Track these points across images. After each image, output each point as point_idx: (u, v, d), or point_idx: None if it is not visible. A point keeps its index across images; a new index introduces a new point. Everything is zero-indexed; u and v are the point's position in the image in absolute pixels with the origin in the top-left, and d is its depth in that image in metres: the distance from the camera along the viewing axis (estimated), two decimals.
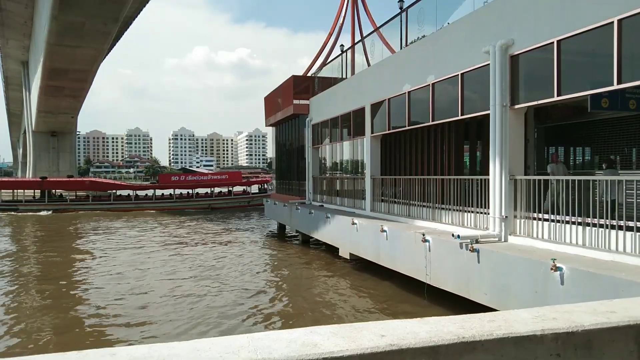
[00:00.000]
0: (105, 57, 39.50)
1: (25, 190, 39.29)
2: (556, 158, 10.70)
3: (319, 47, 31.54)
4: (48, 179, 39.99)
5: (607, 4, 6.96)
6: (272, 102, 25.73)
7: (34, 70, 46.48)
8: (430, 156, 13.30)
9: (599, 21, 7.04)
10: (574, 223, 7.57)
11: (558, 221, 7.87)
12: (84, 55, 33.75)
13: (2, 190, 39.13)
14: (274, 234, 23.68)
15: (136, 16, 41.59)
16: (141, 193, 41.34)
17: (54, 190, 40.38)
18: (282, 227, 23.81)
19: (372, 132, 14.81)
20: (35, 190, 39.87)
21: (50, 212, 36.42)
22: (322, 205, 18.81)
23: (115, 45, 47.78)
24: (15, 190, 39.25)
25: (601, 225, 7.12)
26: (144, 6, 39.36)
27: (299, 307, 10.78)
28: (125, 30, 44.57)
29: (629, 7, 6.60)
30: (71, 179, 43.28)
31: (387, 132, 13.96)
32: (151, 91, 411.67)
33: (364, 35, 24.10)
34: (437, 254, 9.68)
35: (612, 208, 7.03)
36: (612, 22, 6.82)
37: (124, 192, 41.18)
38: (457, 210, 10.59)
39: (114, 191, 41.25)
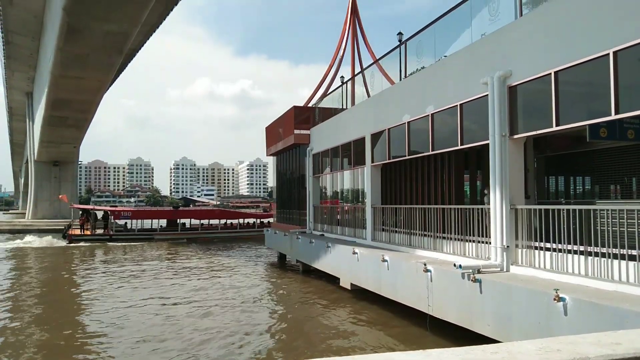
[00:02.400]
0: (108, 88, 40.06)
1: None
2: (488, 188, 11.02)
3: (320, 78, 31.90)
4: (180, 209, 40.21)
5: (602, 36, 7.09)
6: (273, 132, 25.93)
7: (38, 100, 47.06)
8: (430, 185, 13.31)
9: (594, 53, 7.17)
10: (575, 252, 7.52)
11: (560, 250, 7.83)
12: (87, 86, 34.21)
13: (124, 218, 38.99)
14: (274, 263, 23.50)
15: (140, 48, 42.31)
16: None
17: (179, 220, 40.06)
18: (282, 257, 23.65)
19: (372, 162, 14.88)
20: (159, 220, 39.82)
21: (184, 240, 36.70)
22: (323, 235, 18.72)
23: (119, 76, 48.46)
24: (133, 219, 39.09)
25: (603, 255, 7.07)
26: (148, 38, 40.09)
27: (299, 339, 10.61)
28: (129, 61, 45.27)
29: (623, 39, 6.73)
30: (202, 209, 43.72)
31: (388, 161, 14.02)
32: (153, 121, 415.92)
33: (364, 67, 24.45)
34: (439, 284, 9.59)
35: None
36: (608, 54, 6.94)
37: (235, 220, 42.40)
38: (458, 239, 10.54)
39: (242, 220, 42.42)
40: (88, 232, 37.07)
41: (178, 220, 39.76)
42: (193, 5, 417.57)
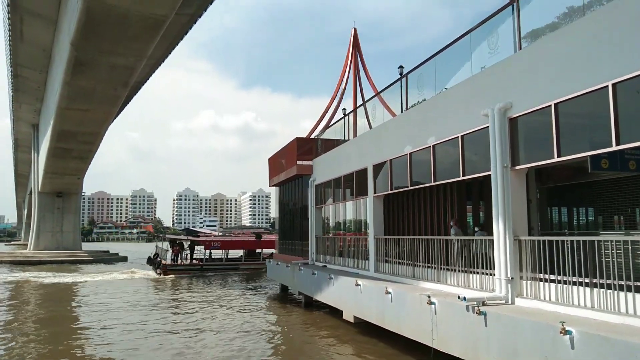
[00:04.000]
0: (113, 120, 40.52)
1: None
2: (457, 222, 12.19)
3: (322, 111, 32.36)
4: (263, 239, 40.24)
5: (601, 68, 7.19)
6: (276, 163, 26.07)
7: (43, 132, 47.59)
8: (433, 216, 13.28)
9: (594, 85, 7.26)
10: (581, 284, 7.44)
11: (565, 282, 7.74)
12: (93, 118, 34.63)
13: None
14: (276, 295, 23.23)
15: (146, 81, 42.99)
16: None
17: (260, 250, 39.50)
18: (284, 289, 23.40)
19: (374, 193, 14.88)
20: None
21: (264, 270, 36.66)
22: (326, 266, 18.57)
23: (124, 108, 49.15)
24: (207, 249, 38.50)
25: (609, 287, 6.99)
26: (154, 72, 40.78)
27: None
28: (135, 94, 45.95)
29: (621, 71, 6.83)
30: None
31: (390, 192, 14.03)
32: (157, 153, 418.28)
33: (366, 100, 24.77)
34: (443, 316, 9.45)
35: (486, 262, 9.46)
36: (607, 86, 7.03)
37: None
38: (462, 271, 10.44)
39: None
40: (178, 262, 36.59)
41: (258, 250, 39.47)
42: (198, 40, 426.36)
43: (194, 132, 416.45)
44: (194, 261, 37.29)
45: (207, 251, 37.80)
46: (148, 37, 22.74)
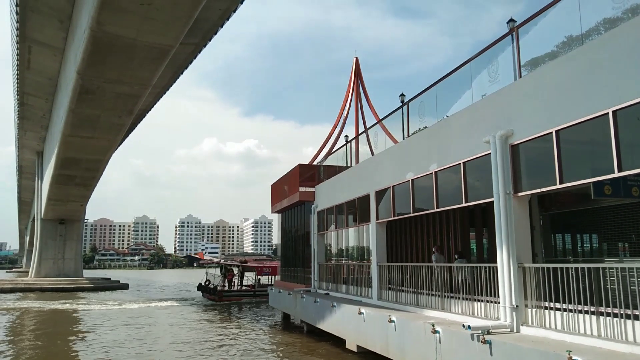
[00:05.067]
0: (117, 148, 40.79)
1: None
2: (438, 249, 12.78)
3: (324, 138, 32.54)
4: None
5: (601, 95, 7.26)
6: (279, 189, 26.10)
7: (47, 159, 47.89)
8: (436, 243, 13.21)
9: (594, 112, 7.32)
10: (587, 312, 7.34)
11: (571, 310, 7.64)
12: (97, 145, 34.88)
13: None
14: (277, 323, 22.92)
15: (150, 109, 43.40)
16: None
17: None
18: (286, 317, 23.09)
19: (377, 219, 14.85)
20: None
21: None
22: (328, 293, 18.39)
23: (128, 135, 49.51)
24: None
25: (615, 315, 6.90)
26: (158, 100, 41.22)
27: None
28: (139, 121, 46.35)
29: (621, 99, 6.89)
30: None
31: (393, 218, 13.99)
32: (160, 179, 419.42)
33: (368, 127, 24.95)
34: (448, 345, 9.31)
35: (467, 288, 10.18)
36: (608, 113, 7.08)
37: None
38: (466, 299, 10.33)
39: None
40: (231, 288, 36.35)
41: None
42: (202, 69, 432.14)
43: (197, 159, 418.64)
44: (245, 287, 37.00)
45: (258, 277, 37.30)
46: (153, 66, 23.10)
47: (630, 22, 7.03)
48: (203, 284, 38.58)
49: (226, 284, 36.81)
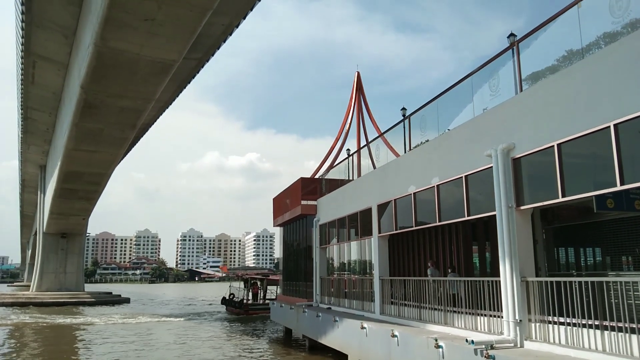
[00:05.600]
0: (120, 161, 40.91)
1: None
2: (433, 263, 12.96)
3: (326, 151, 32.64)
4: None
5: (602, 109, 7.28)
6: (281, 202, 26.09)
7: (50, 173, 48.03)
8: (439, 257, 13.15)
9: (596, 126, 7.33)
10: (591, 327, 7.28)
11: (575, 325, 7.58)
12: (100, 159, 34.98)
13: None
14: (279, 338, 22.74)
15: (153, 123, 43.61)
16: None
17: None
18: (288, 332, 22.93)
19: (379, 232, 14.81)
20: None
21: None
22: (330, 308, 18.28)
23: (131, 149, 49.66)
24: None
25: (620, 329, 6.83)
26: (161, 114, 41.43)
27: None
28: (142, 135, 46.54)
29: (622, 113, 6.91)
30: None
31: (395, 232, 13.95)
32: (162, 193, 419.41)
33: (369, 140, 25.02)
34: None
35: (454, 301, 10.70)
36: (609, 127, 7.10)
37: None
38: (469, 313, 10.25)
39: None
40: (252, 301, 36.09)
41: None
42: (205, 84, 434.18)
43: (200, 173, 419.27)
44: (269, 300, 36.83)
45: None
46: (156, 80, 23.25)
47: (630, 36, 7.08)
48: (227, 297, 38.36)
49: (250, 298, 36.63)
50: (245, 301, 35.18)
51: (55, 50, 28.55)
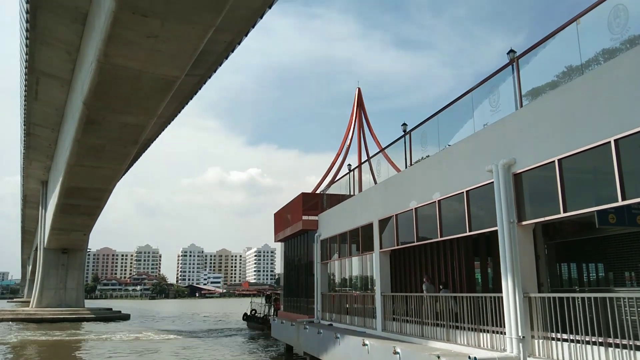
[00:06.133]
0: (122, 177, 40.99)
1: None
2: (428, 278, 13.06)
3: (328, 166, 32.68)
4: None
5: (602, 125, 7.31)
6: (282, 218, 26.06)
7: (52, 189, 48.11)
8: (441, 272, 13.09)
9: (596, 141, 7.35)
10: (595, 343, 7.20)
11: (578, 341, 7.50)
12: (102, 175, 35.04)
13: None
14: (280, 355, 22.52)
15: (155, 139, 43.80)
16: None
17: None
18: (289, 349, 22.71)
19: (380, 248, 14.76)
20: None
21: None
22: (332, 324, 18.13)
23: (132, 165, 49.81)
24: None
25: (625, 346, 6.76)
26: (163, 130, 41.64)
27: None
28: (144, 151, 46.69)
29: (622, 128, 6.93)
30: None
31: (396, 247, 13.91)
32: (163, 209, 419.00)
33: (370, 156, 25.07)
34: None
35: (452, 317, 10.78)
36: (610, 142, 7.11)
37: None
38: (471, 329, 10.17)
39: None
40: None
41: None
42: (207, 99, 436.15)
43: (201, 188, 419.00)
44: None
45: None
46: (159, 97, 23.40)
47: (629, 52, 7.14)
48: (249, 313, 37.99)
49: (272, 314, 36.24)
50: (268, 317, 34.76)
51: (58, 67, 28.81)
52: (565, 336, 7.79)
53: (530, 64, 9.74)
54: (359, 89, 34.68)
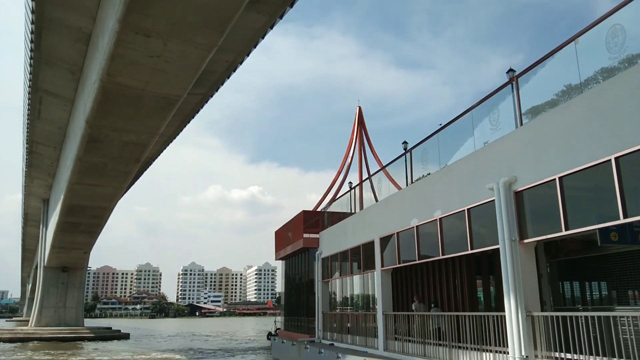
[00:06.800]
0: (123, 195, 41.00)
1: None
2: (419, 297, 13.27)
3: (329, 184, 32.69)
4: None
5: (603, 143, 7.33)
6: (283, 236, 25.99)
7: (53, 207, 48.10)
8: (442, 291, 13.00)
9: (597, 159, 7.37)
10: None
11: None
12: (103, 193, 35.05)
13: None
14: None
15: (156, 157, 43.89)
16: None
17: None
18: None
19: (382, 266, 14.68)
20: None
21: None
22: (333, 344, 17.94)
23: (134, 183, 49.87)
24: None
25: None
26: (165, 148, 41.76)
27: None
28: (145, 169, 46.78)
29: (623, 146, 6.95)
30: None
31: (398, 265, 13.84)
32: (164, 227, 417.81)
33: (371, 174, 25.10)
34: None
35: (439, 335, 11.20)
36: (610, 160, 7.13)
37: None
38: (474, 349, 10.06)
39: None
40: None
41: None
42: (209, 118, 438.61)
43: (202, 206, 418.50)
44: None
45: None
46: (161, 116, 23.53)
47: (627, 71, 7.20)
48: (273, 332, 37.83)
49: None
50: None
51: (61, 86, 29.05)
52: (569, 356, 7.70)
53: (530, 82, 9.82)
54: (360, 108, 34.89)
